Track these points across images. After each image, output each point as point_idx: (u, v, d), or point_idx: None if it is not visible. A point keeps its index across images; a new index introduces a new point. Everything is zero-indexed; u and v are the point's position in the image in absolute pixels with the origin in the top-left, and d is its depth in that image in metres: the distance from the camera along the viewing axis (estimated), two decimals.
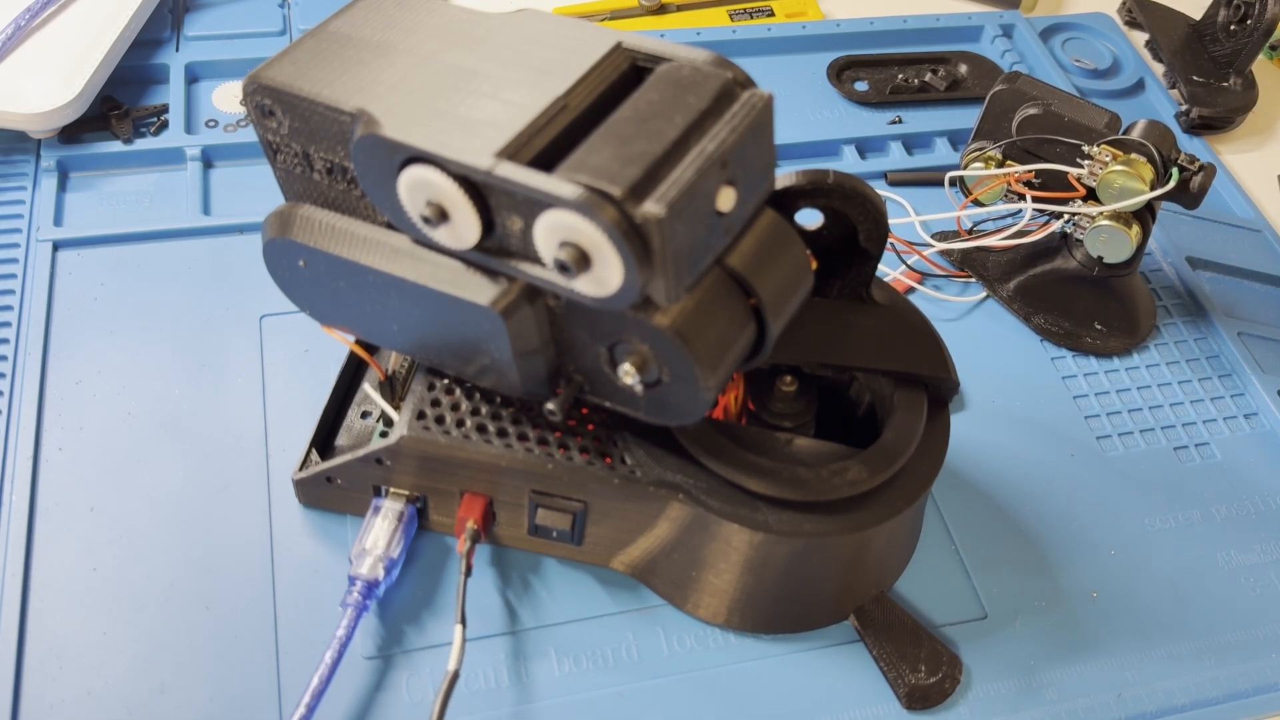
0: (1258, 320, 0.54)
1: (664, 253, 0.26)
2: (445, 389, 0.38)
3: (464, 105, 0.29)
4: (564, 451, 0.37)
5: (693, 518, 0.36)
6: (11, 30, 0.54)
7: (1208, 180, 0.47)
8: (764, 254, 0.31)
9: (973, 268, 0.53)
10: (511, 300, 0.31)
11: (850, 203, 0.35)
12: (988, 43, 0.67)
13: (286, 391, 0.45)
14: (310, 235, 0.33)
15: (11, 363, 0.45)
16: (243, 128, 0.56)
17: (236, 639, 0.38)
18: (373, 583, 0.38)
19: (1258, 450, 0.48)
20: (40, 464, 0.42)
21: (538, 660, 0.39)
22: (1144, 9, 0.69)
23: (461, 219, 0.29)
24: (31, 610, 0.38)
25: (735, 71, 0.30)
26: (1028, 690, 0.40)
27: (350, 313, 0.35)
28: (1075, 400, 0.49)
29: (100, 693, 0.37)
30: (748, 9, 0.67)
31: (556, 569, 0.41)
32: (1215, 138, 0.64)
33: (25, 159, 0.53)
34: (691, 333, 0.30)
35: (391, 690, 0.38)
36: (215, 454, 0.43)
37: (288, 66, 0.32)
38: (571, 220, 0.26)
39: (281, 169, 0.34)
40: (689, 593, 0.40)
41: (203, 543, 0.41)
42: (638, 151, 0.27)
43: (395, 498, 0.39)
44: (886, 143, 0.60)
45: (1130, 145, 0.47)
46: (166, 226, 0.51)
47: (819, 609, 0.40)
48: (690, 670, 0.39)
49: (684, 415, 0.32)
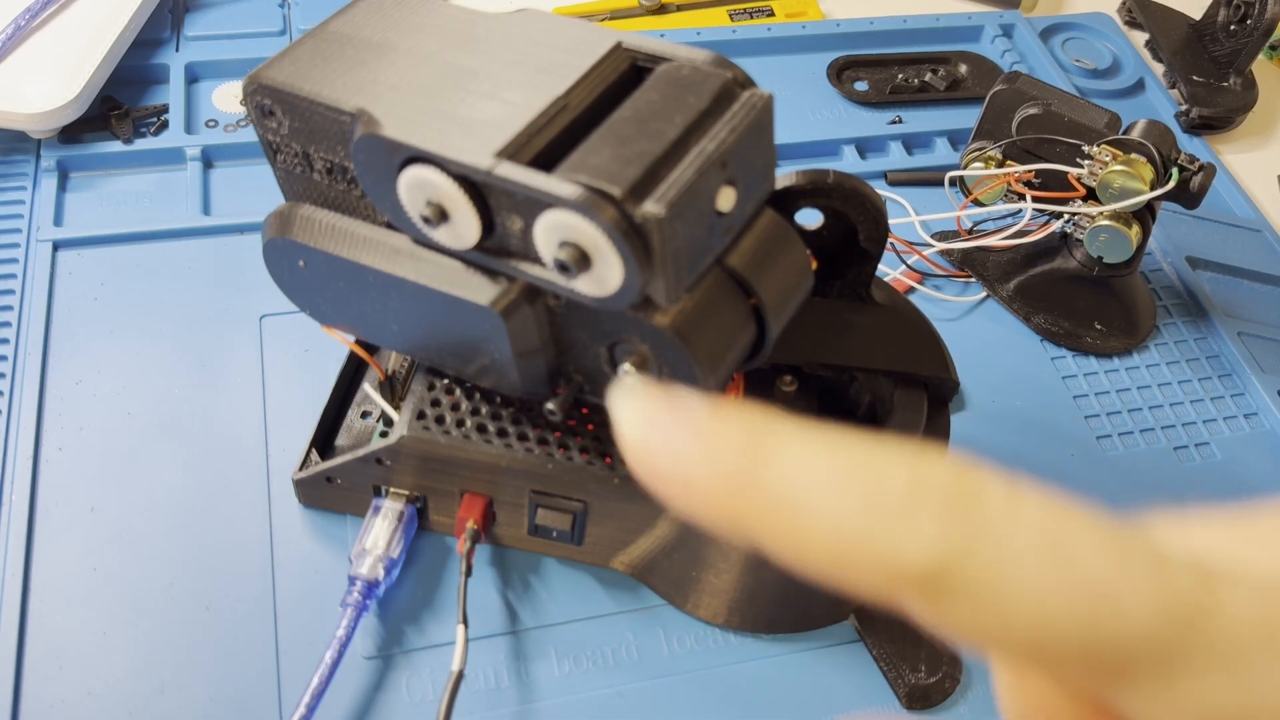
0: (1258, 320, 0.54)
1: (664, 252, 0.26)
2: (445, 389, 0.38)
3: (464, 105, 0.29)
4: (564, 451, 0.37)
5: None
6: (11, 30, 0.53)
7: (1208, 180, 0.47)
8: (764, 254, 0.31)
9: (973, 268, 0.53)
10: (511, 300, 0.31)
11: (850, 203, 0.35)
12: (988, 43, 0.67)
13: (286, 391, 0.45)
14: (310, 235, 0.33)
15: (11, 363, 0.45)
16: (243, 128, 0.56)
17: (236, 639, 0.38)
18: (373, 583, 0.38)
19: (1258, 450, 0.48)
20: (40, 464, 0.42)
21: (538, 660, 0.39)
22: (1144, 9, 0.69)
23: (461, 219, 0.29)
24: (31, 610, 0.38)
25: (735, 71, 0.30)
26: None
27: (350, 313, 0.35)
28: (1075, 400, 0.49)
29: (100, 693, 0.37)
30: (748, 9, 0.67)
31: (556, 569, 0.41)
32: (1215, 138, 0.64)
33: (25, 159, 0.53)
34: (691, 332, 0.30)
35: (391, 690, 0.38)
36: (215, 454, 0.43)
37: (288, 66, 0.32)
38: (571, 220, 0.26)
39: (281, 169, 0.34)
40: (689, 593, 0.40)
41: (203, 543, 0.41)
42: (638, 151, 0.27)
43: (395, 498, 0.39)
44: (886, 143, 0.60)
45: (1130, 145, 0.47)
46: (166, 226, 0.51)
47: (819, 609, 0.40)
48: (690, 670, 0.39)
49: None
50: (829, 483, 0.13)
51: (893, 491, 0.12)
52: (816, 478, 0.13)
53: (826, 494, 0.13)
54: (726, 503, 0.13)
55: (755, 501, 0.13)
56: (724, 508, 0.14)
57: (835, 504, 0.13)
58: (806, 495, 0.13)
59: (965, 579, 0.12)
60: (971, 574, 0.12)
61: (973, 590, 0.12)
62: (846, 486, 0.13)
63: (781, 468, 0.13)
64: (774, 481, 0.13)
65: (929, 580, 0.12)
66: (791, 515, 0.13)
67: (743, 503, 0.13)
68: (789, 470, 0.13)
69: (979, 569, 0.12)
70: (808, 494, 0.13)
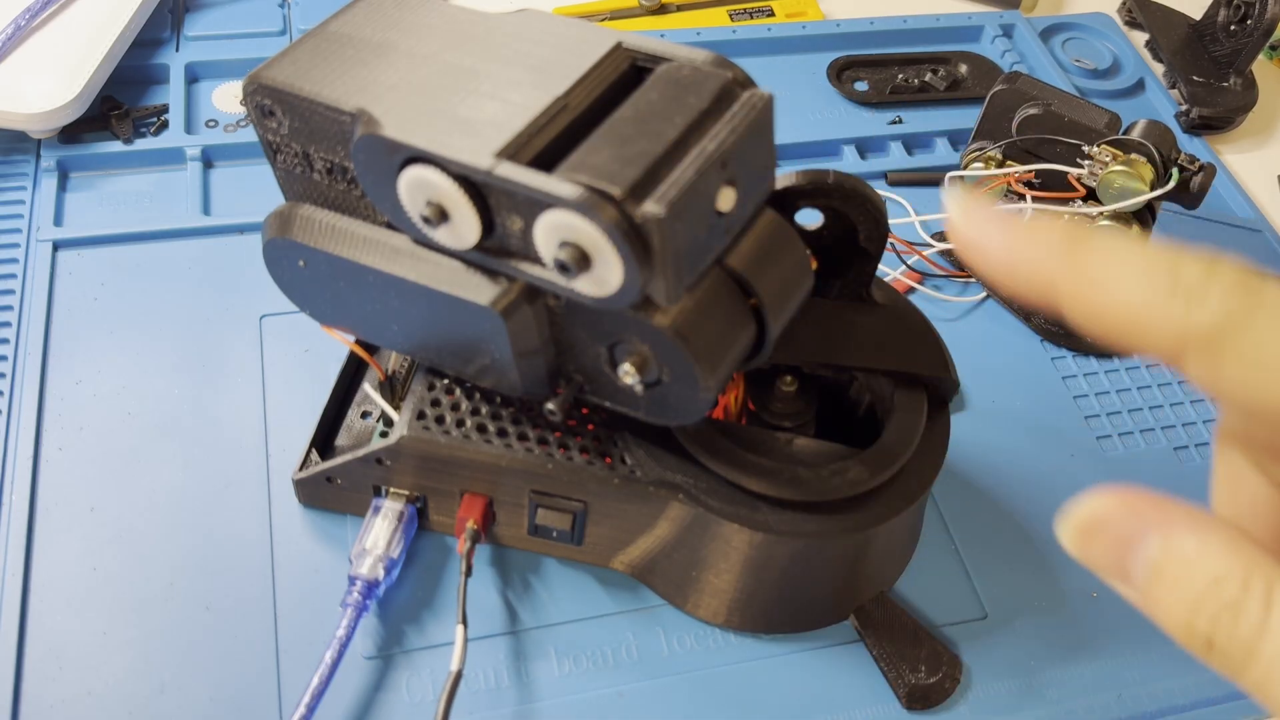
0: None
1: (664, 253, 0.26)
2: (445, 389, 0.38)
3: (464, 105, 0.29)
4: (564, 451, 0.37)
5: (693, 518, 0.36)
6: (11, 30, 0.53)
7: (1208, 180, 0.47)
8: (764, 254, 0.31)
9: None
10: (511, 300, 0.31)
11: (850, 203, 0.35)
12: (988, 43, 0.67)
13: (286, 391, 0.45)
14: (310, 235, 0.33)
15: (11, 363, 0.45)
16: (243, 128, 0.56)
17: (236, 639, 0.38)
18: (373, 583, 0.38)
19: None
20: (40, 464, 0.42)
21: (538, 660, 0.39)
22: (1144, 9, 0.69)
23: (461, 219, 0.29)
24: (31, 610, 0.38)
25: (735, 71, 0.30)
26: (1028, 690, 0.40)
27: (350, 313, 0.35)
28: (1075, 400, 0.49)
29: (100, 693, 0.37)
30: (748, 9, 0.67)
31: (556, 569, 0.41)
32: (1215, 138, 0.64)
33: (25, 159, 0.53)
34: (691, 333, 0.30)
35: (391, 690, 0.38)
36: (215, 454, 0.43)
37: (288, 66, 0.32)
38: (571, 220, 0.26)
39: (282, 169, 0.34)
40: (689, 593, 0.40)
41: (203, 543, 0.41)
42: (637, 151, 0.27)
43: (395, 498, 0.39)
44: (886, 143, 0.60)
45: (1130, 145, 0.47)
46: (166, 226, 0.51)
47: (819, 609, 0.40)
48: (690, 670, 0.39)
49: (684, 415, 0.32)
50: (1138, 264, 0.17)
51: (1190, 274, 0.16)
52: (1128, 259, 0.17)
53: (1137, 271, 0.17)
54: (1044, 273, 0.17)
55: (1072, 273, 0.17)
56: (1041, 277, 0.18)
57: (1144, 279, 0.16)
58: (1119, 271, 0.17)
59: (1242, 342, 0.16)
60: (1249, 338, 0.16)
61: (1247, 352, 0.16)
62: (1154, 267, 0.16)
63: (1097, 250, 0.17)
64: (1091, 260, 0.17)
65: (1212, 341, 0.16)
66: (1103, 285, 0.17)
67: (1061, 274, 0.17)
68: (1103, 253, 0.17)
69: (1256, 333, 0.16)
70: (1121, 270, 0.17)
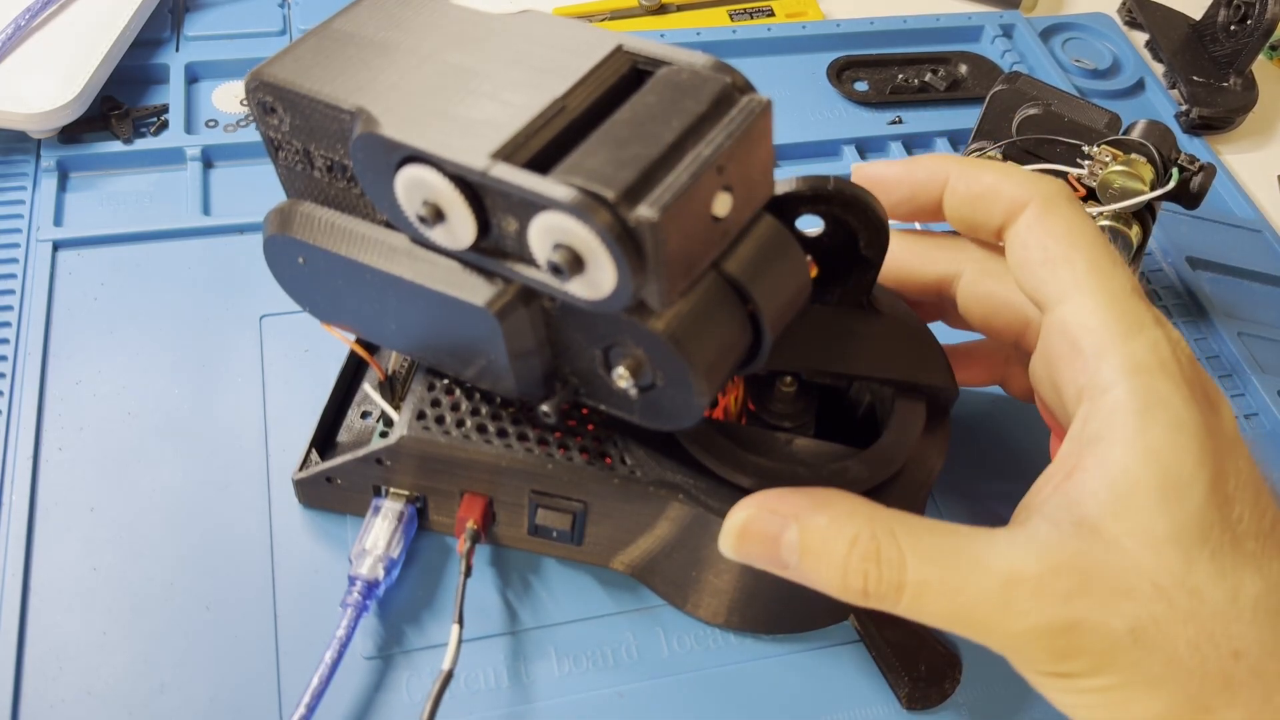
0: (1258, 320, 0.54)
1: (657, 256, 0.26)
2: (445, 389, 0.38)
3: (463, 105, 0.29)
4: (564, 452, 0.37)
5: (693, 518, 0.36)
6: (11, 30, 0.54)
7: (1208, 180, 0.47)
8: (761, 260, 0.31)
9: None
10: (507, 301, 0.31)
11: (851, 210, 0.35)
12: (988, 43, 0.67)
13: (286, 391, 0.46)
14: (309, 232, 0.33)
15: (11, 363, 0.45)
16: (243, 127, 0.56)
17: (236, 639, 0.38)
18: (373, 583, 0.38)
19: (1258, 450, 0.48)
20: (40, 464, 0.42)
21: (538, 660, 0.39)
22: (1144, 9, 0.69)
23: (457, 219, 0.29)
24: (31, 610, 0.38)
25: (734, 76, 0.30)
26: (1028, 690, 0.39)
27: (349, 310, 0.35)
28: None
29: (100, 693, 0.37)
30: (748, 9, 0.67)
31: (556, 569, 0.41)
32: (1215, 138, 0.64)
33: (25, 159, 0.53)
34: (686, 338, 0.30)
35: (391, 690, 0.38)
36: (215, 454, 0.43)
37: (290, 64, 0.32)
38: (565, 222, 0.26)
39: (282, 166, 0.34)
40: (689, 593, 0.40)
41: (203, 543, 0.41)
42: (633, 155, 0.27)
43: (395, 498, 0.40)
44: (886, 143, 0.60)
45: (1130, 145, 0.47)
46: (166, 226, 0.51)
47: (819, 609, 0.40)
48: (690, 670, 0.39)
49: (678, 420, 0.32)
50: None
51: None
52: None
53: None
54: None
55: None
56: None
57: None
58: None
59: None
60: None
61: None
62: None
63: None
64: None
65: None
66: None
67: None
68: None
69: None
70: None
